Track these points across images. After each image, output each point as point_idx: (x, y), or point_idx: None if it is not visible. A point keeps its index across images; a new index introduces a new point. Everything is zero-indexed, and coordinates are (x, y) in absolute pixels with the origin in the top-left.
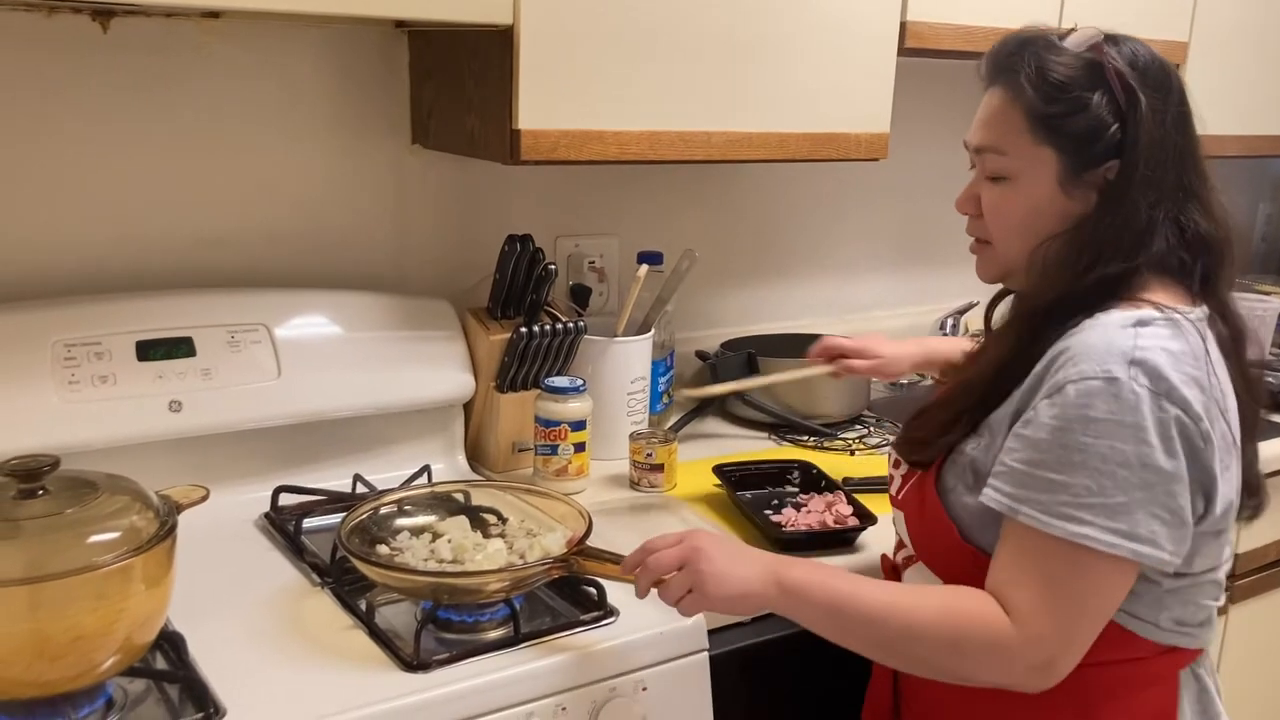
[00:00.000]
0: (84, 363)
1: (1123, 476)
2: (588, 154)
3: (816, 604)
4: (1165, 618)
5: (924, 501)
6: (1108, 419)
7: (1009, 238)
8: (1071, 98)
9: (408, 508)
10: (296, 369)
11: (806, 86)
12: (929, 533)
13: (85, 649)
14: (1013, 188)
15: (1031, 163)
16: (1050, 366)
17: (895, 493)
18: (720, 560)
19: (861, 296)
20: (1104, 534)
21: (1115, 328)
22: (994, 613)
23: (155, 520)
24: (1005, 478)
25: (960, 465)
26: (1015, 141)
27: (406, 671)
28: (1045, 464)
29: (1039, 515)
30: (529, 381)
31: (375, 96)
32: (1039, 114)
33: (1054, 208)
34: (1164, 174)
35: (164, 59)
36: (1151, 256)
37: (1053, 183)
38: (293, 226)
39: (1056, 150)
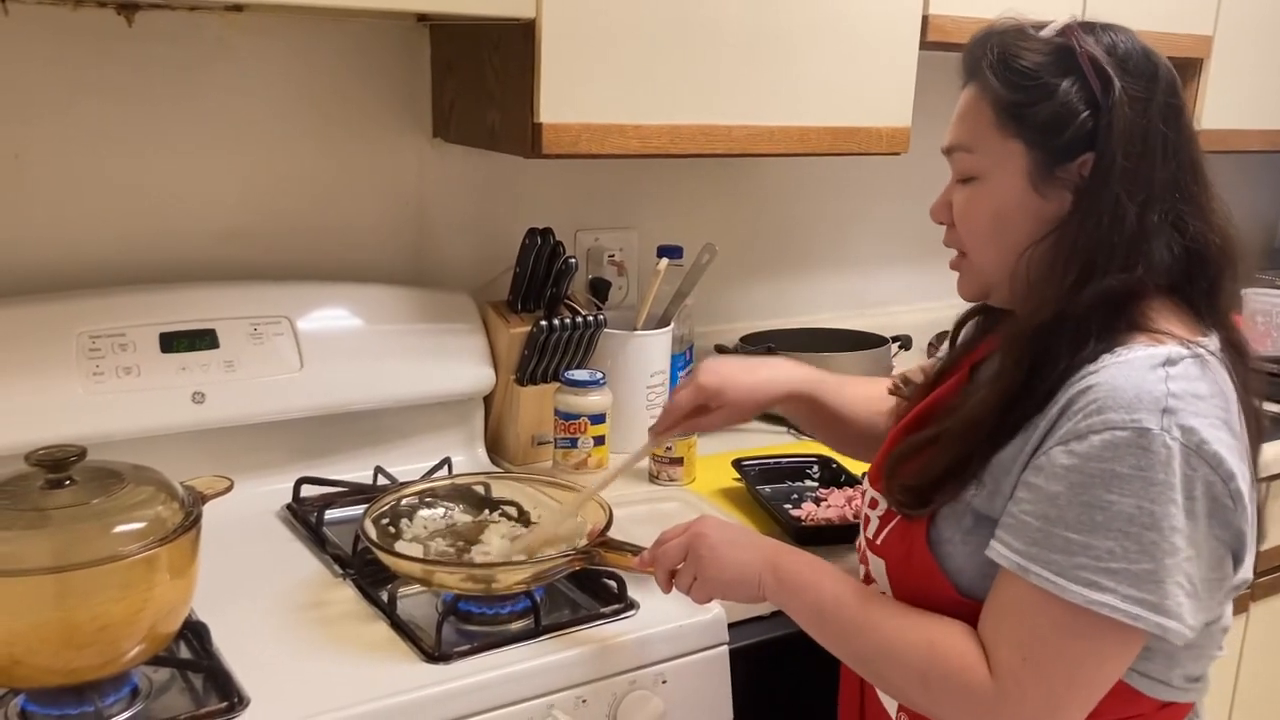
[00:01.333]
0: (108, 354)
1: (1150, 541)
2: (609, 148)
3: (805, 601)
4: (1177, 675)
5: (911, 553)
6: (1136, 475)
7: (981, 244)
8: (1037, 84)
9: (429, 499)
10: (318, 361)
11: (828, 80)
12: (917, 586)
13: (111, 638)
14: (981, 187)
15: (999, 158)
16: (1069, 408)
17: (872, 536)
18: (720, 545)
19: (881, 291)
20: (1126, 604)
21: (1144, 368)
22: (976, 663)
23: (180, 511)
24: (1015, 532)
25: (958, 513)
26: (983, 136)
27: (428, 663)
28: (1063, 521)
29: (1053, 578)
30: (549, 375)
31: (397, 90)
32: (1004, 103)
33: (1026, 208)
34: (1150, 169)
35: (188, 52)
36: (1154, 268)
37: (1022, 179)
38: (315, 219)
39: (1025, 143)
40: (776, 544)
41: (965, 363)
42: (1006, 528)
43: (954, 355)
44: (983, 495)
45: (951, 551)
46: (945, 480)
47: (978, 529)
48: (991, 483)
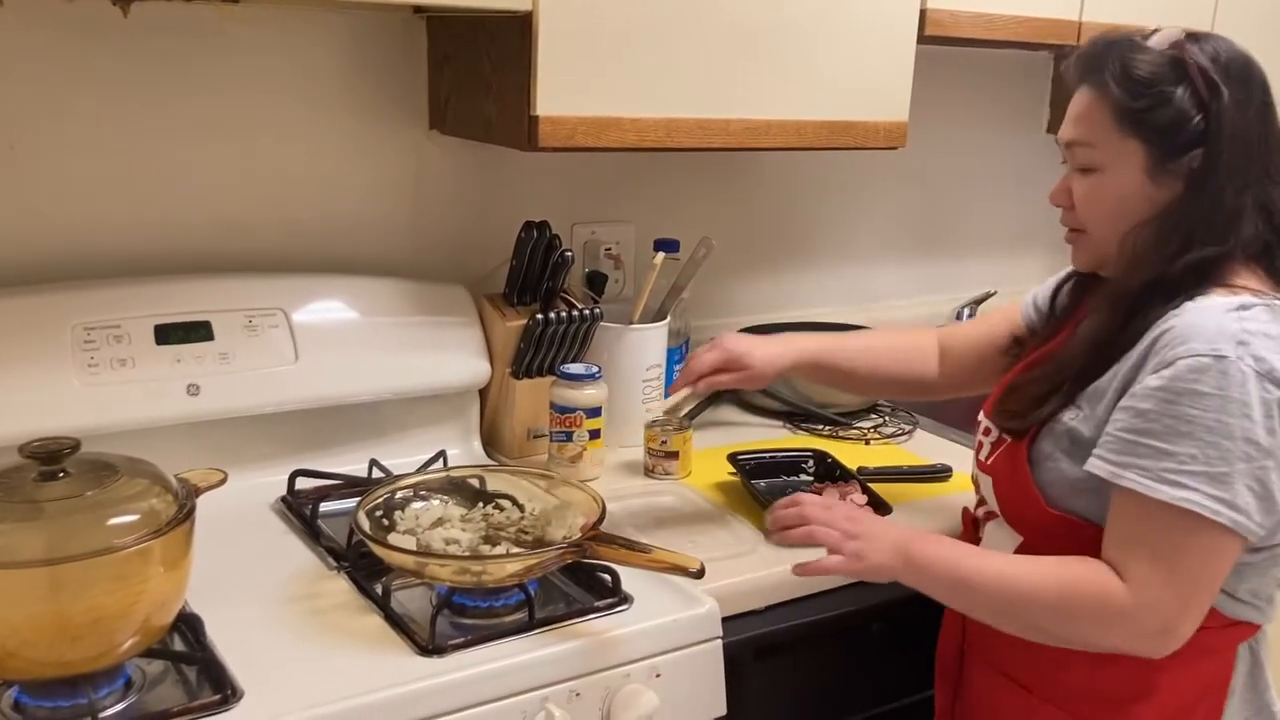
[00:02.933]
0: (103, 346)
1: (1226, 448)
2: (606, 141)
3: (938, 577)
4: (1244, 589)
5: (1015, 469)
6: (1215, 394)
7: (1101, 225)
8: (1155, 92)
9: (423, 492)
10: (314, 354)
11: (825, 74)
12: (1017, 498)
13: (105, 630)
14: (1102, 178)
15: (1119, 154)
16: (1155, 344)
17: (985, 458)
18: (864, 535)
19: (879, 285)
20: (1208, 500)
21: (1220, 311)
22: (1107, 579)
23: (174, 503)
24: (1110, 446)
25: (1057, 434)
26: (1103, 135)
27: (422, 656)
28: (1152, 433)
29: (1143, 480)
30: (544, 368)
31: (393, 82)
32: (1124, 108)
33: (1143, 195)
34: (1248, 162)
35: (183, 43)
36: (1241, 240)
37: (1140, 172)
38: (310, 211)
39: (1142, 141)
40: (905, 534)
41: (1071, 323)
42: (1104, 444)
43: (1059, 317)
44: (1079, 418)
45: (1050, 467)
46: (1042, 403)
47: (1075, 449)
48: (1088, 407)
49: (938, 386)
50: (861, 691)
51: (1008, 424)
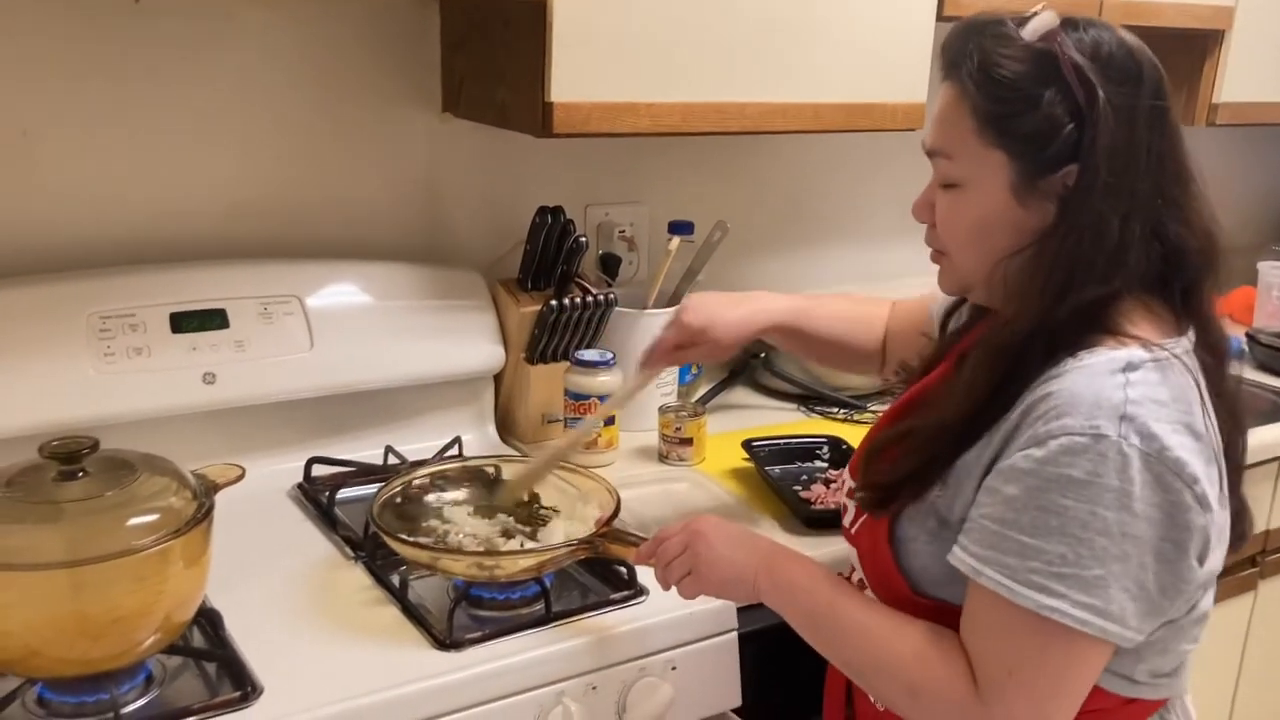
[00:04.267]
0: (119, 335)
1: (1101, 546)
2: (621, 127)
3: (799, 605)
4: (1141, 670)
5: (876, 548)
6: (1091, 481)
7: (962, 250)
8: (1020, 95)
9: (439, 482)
10: (329, 340)
11: (842, 56)
12: (880, 579)
13: (126, 629)
14: (963, 195)
15: (981, 168)
16: (1029, 414)
17: (849, 524)
18: (717, 545)
19: (893, 263)
20: (1075, 609)
21: (1103, 374)
22: (962, 676)
23: (193, 501)
24: (974, 535)
25: (922, 514)
26: (964, 144)
27: (439, 650)
28: (1018, 525)
29: (1006, 581)
30: (559, 353)
31: (406, 64)
32: (985, 113)
33: (1008, 219)
34: (1134, 180)
35: (195, 27)
36: (1129, 275)
37: (1005, 191)
38: (323, 195)
39: (1007, 154)
40: (773, 545)
41: (952, 354)
42: (967, 532)
43: (941, 345)
44: (946, 497)
45: (915, 550)
46: (908, 483)
47: (941, 531)
48: (954, 484)
49: (881, 366)
50: None
51: (870, 503)
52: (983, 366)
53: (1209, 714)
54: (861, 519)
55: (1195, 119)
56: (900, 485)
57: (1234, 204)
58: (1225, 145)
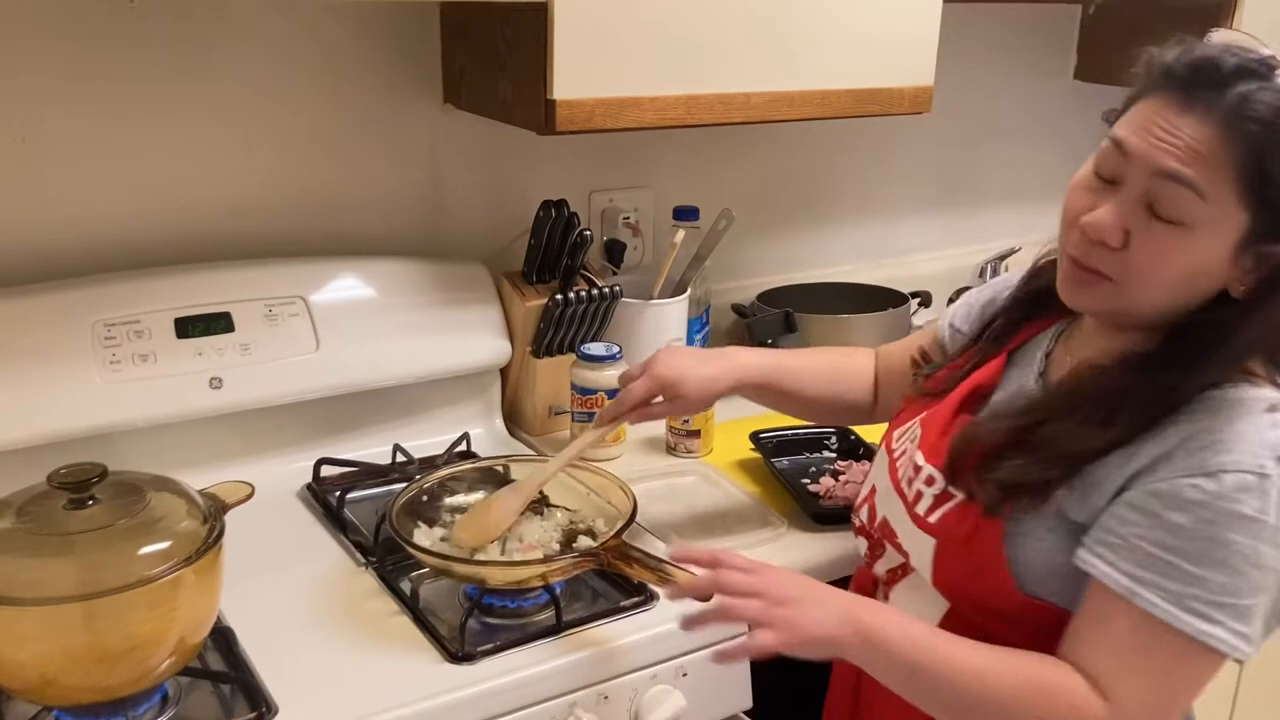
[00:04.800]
0: (124, 342)
1: (1255, 580)
2: (624, 122)
3: (895, 657)
4: None
5: (974, 539)
6: (1257, 519)
7: (1156, 288)
8: None
9: (451, 485)
10: (335, 340)
11: (848, 41)
12: (972, 573)
13: (140, 656)
14: (1187, 237)
15: (1220, 218)
16: (1189, 442)
17: (923, 513)
18: (798, 602)
19: (902, 241)
20: (1230, 635)
21: (1257, 413)
22: (1088, 696)
23: (203, 525)
24: (1126, 555)
25: (1044, 512)
26: (1217, 189)
27: (451, 663)
28: (1183, 553)
29: (1167, 606)
30: (565, 346)
31: (406, 55)
32: (1256, 174)
33: (1216, 272)
34: None
35: (192, 24)
36: None
37: (1230, 248)
38: (325, 190)
39: (1252, 217)
40: (852, 597)
41: (1004, 350)
42: (1113, 547)
43: (991, 340)
44: (1072, 499)
45: (1025, 544)
46: (1039, 487)
47: (1058, 528)
48: (1081, 488)
49: (874, 411)
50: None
51: (991, 497)
52: (1146, 402)
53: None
54: (945, 507)
55: None
56: (1031, 488)
57: None
58: None
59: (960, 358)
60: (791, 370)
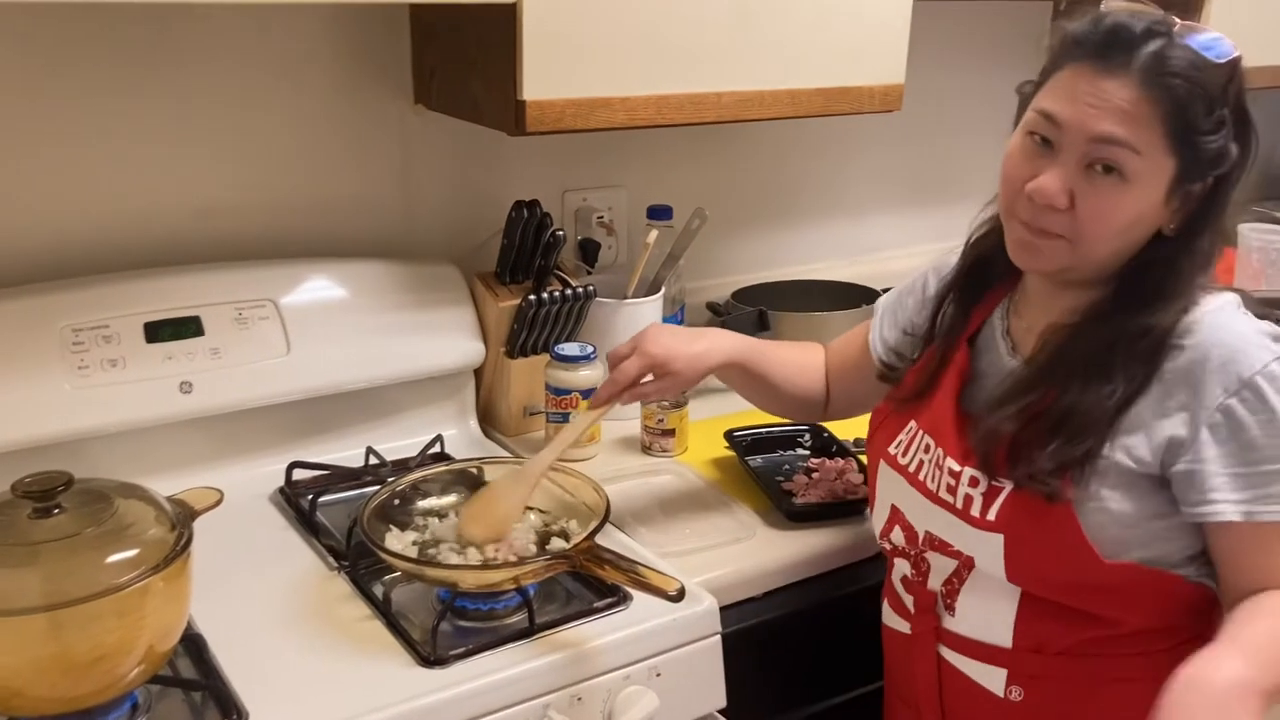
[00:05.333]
0: (93, 347)
1: None
2: (595, 122)
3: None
4: None
5: (1048, 523)
6: None
7: (1104, 240)
8: (1218, 116)
9: (424, 487)
10: (306, 343)
11: (818, 40)
12: (1053, 556)
13: (108, 666)
14: (1127, 190)
15: (1154, 168)
16: (1200, 364)
17: (979, 514)
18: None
19: (873, 237)
20: None
21: (1231, 315)
22: None
23: (172, 531)
24: (1223, 487)
25: (1100, 472)
26: (1150, 144)
27: (424, 667)
28: (1268, 458)
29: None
30: (539, 346)
31: (377, 56)
32: (1181, 126)
33: (1154, 217)
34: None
35: (159, 26)
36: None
37: (1161, 192)
38: (295, 191)
39: (1180, 162)
40: (1229, 684)
41: (961, 340)
42: (1210, 488)
43: (947, 333)
44: (1119, 452)
45: (1097, 511)
46: (1082, 462)
47: (1119, 484)
48: (1125, 439)
49: (826, 408)
50: (859, 671)
51: (1046, 486)
52: (1132, 345)
53: None
54: (999, 500)
55: None
56: (1078, 463)
57: None
58: None
59: (922, 358)
60: (767, 357)
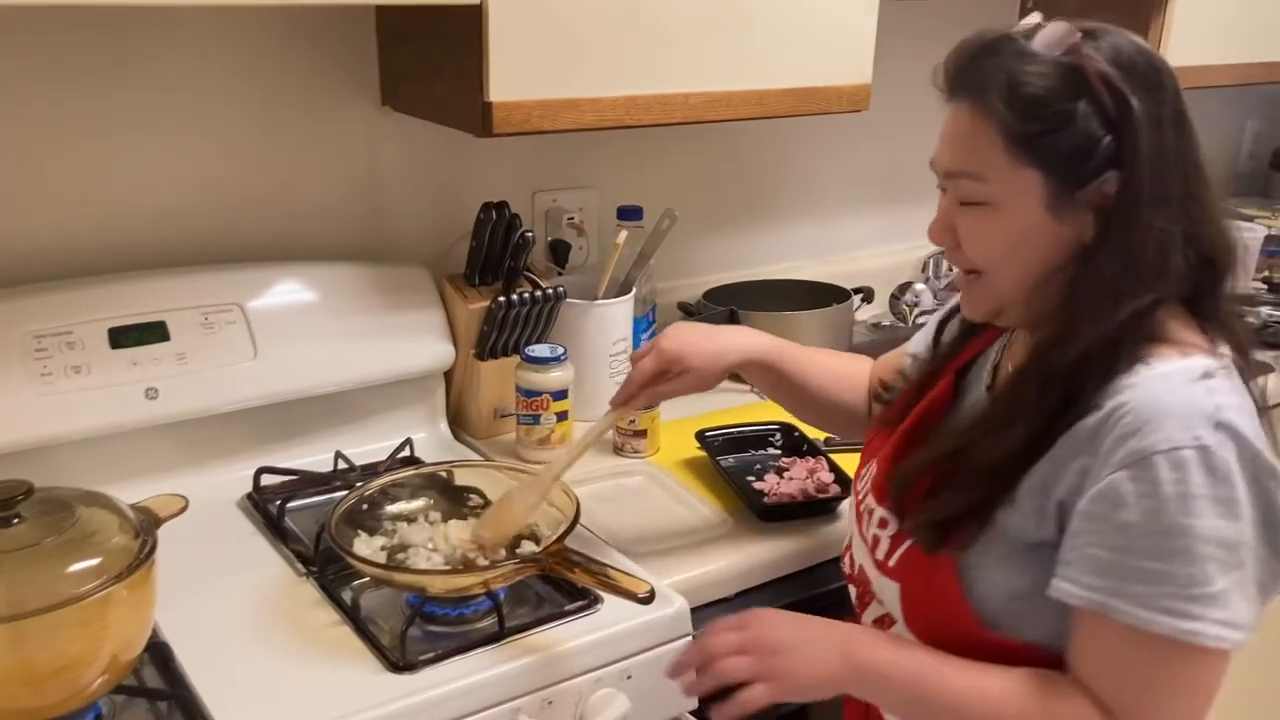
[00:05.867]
0: (56, 354)
1: (1221, 559)
2: (563, 123)
3: (895, 689)
4: None
5: (934, 581)
6: (1206, 495)
7: (999, 267)
8: (1053, 112)
9: (393, 492)
10: (273, 347)
11: (786, 41)
12: (935, 615)
13: (70, 677)
14: (994, 214)
15: (1013, 186)
16: (1111, 425)
17: (883, 558)
18: (789, 646)
19: (845, 237)
20: (1213, 627)
21: (1184, 382)
22: (1098, 717)
23: (135, 539)
24: (1084, 567)
25: (987, 539)
26: (993, 164)
27: (392, 673)
28: (1140, 551)
29: (1138, 611)
30: (509, 348)
31: (343, 57)
32: (1017, 133)
33: (1045, 234)
34: (1168, 186)
35: (121, 28)
36: (1170, 281)
37: (1040, 207)
38: (261, 195)
39: (1042, 171)
40: (846, 630)
41: (949, 368)
42: (1072, 564)
43: (938, 359)
44: (1015, 517)
45: (979, 577)
46: (969, 515)
47: (1010, 554)
48: (1025, 503)
49: (867, 423)
50: None
51: (930, 537)
52: (1039, 388)
53: None
54: (902, 549)
55: None
56: (962, 517)
57: None
58: None
59: (916, 382)
60: (799, 359)
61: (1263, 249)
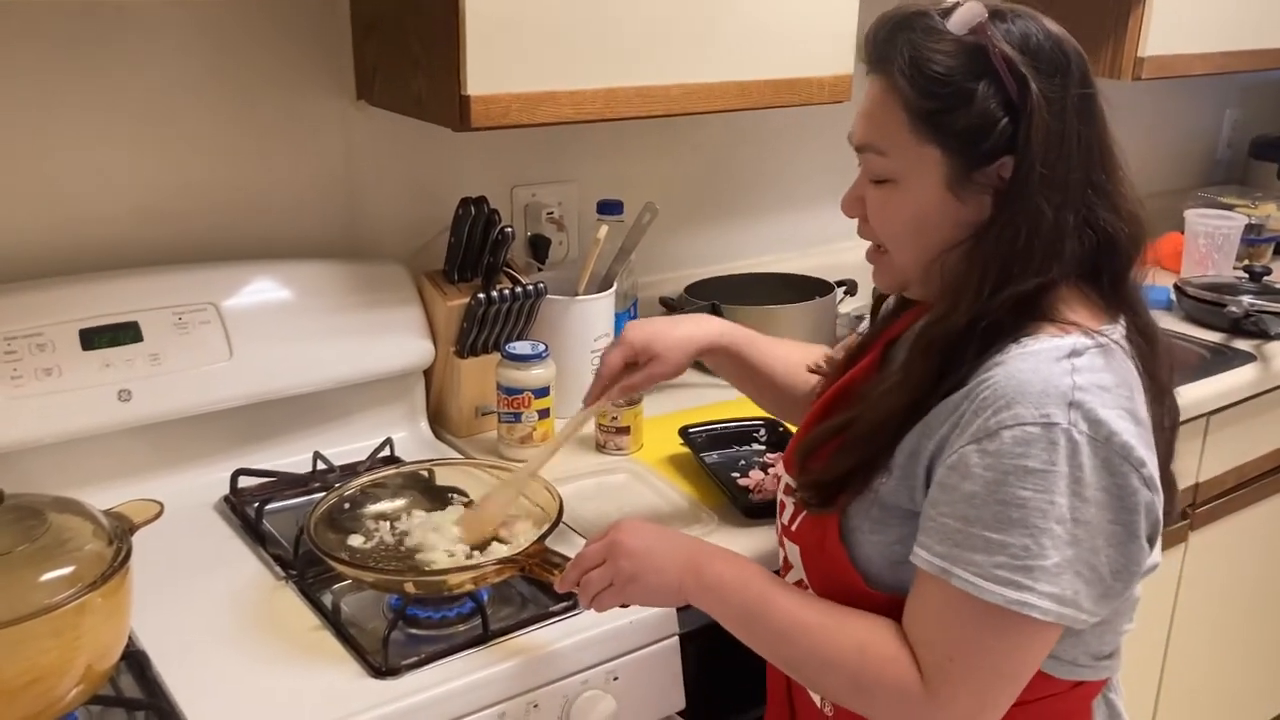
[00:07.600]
0: (25, 356)
1: (1058, 534)
2: (542, 117)
3: (731, 605)
4: (1084, 654)
5: (824, 543)
6: (1046, 470)
7: (899, 245)
8: (952, 90)
9: (373, 491)
10: (249, 347)
11: (767, 31)
12: (828, 575)
13: (44, 688)
14: (897, 190)
15: (915, 163)
16: (972, 401)
17: (788, 522)
18: (638, 552)
19: (826, 229)
20: (1041, 600)
21: (1048, 360)
22: (907, 666)
23: (109, 546)
24: (935, 534)
25: (867, 503)
26: (896, 140)
27: (375, 678)
28: (980, 520)
29: (975, 580)
30: (489, 345)
31: (316, 50)
32: (918, 109)
33: (943, 213)
34: (1067, 170)
35: (89, 22)
36: (1064, 264)
37: (940, 186)
38: (235, 191)
39: (941, 149)
40: (697, 544)
41: (878, 343)
42: (926, 531)
43: (871, 333)
44: (890, 483)
45: (860, 540)
46: (851, 477)
47: (886, 519)
48: (899, 471)
49: None
50: None
51: (812, 497)
52: (919, 357)
53: (1140, 669)
54: (802, 515)
55: (1121, 73)
56: (844, 480)
57: (1162, 150)
58: (1154, 92)
59: (848, 355)
60: (765, 349)
61: (1242, 238)
